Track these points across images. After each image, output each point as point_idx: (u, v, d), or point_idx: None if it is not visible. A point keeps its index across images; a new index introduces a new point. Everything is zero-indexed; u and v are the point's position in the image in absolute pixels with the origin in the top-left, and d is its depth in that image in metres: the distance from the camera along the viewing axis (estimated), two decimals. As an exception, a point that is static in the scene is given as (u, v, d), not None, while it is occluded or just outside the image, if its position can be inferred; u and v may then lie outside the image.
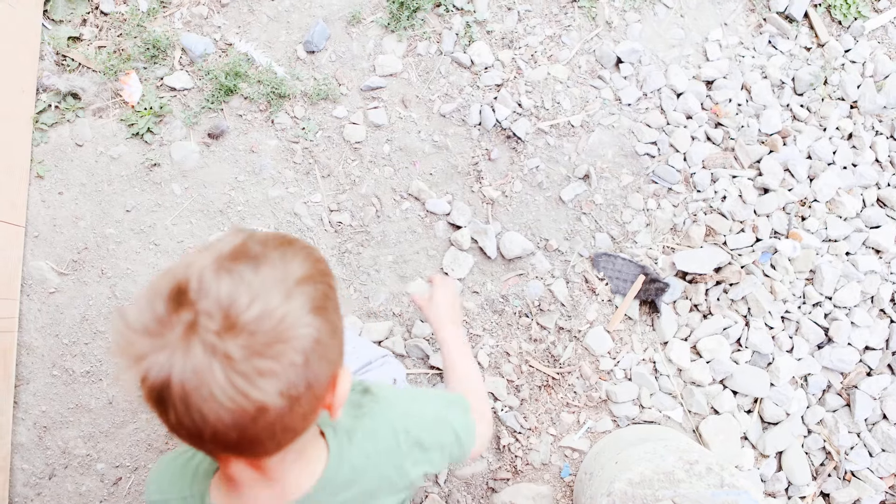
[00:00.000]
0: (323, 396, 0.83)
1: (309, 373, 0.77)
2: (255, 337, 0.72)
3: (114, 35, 2.18)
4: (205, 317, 0.71)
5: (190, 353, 0.70)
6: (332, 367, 0.83)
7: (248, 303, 0.73)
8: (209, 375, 0.70)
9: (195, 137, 2.13)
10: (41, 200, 2.07)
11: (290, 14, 2.23)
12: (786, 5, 2.35)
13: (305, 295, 0.78)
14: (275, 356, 0.73)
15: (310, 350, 0.76)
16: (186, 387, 0.71)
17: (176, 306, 0.72)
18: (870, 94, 2.27)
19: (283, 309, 0.74)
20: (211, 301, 0.72)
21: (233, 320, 0.71)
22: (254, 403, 0.72)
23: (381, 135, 2.17)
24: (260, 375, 0.72)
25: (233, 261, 0.76)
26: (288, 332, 0.74)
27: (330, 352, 0.81)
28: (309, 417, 0.82)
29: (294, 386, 0.75)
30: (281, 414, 0.75)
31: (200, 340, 0.71)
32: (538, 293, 2.10)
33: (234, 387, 0.71)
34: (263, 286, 0.75)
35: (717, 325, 2.07)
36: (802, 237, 2.11)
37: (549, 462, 2.02)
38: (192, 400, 0.71)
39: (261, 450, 0.81)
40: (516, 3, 2.28)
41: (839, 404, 2.09)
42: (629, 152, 2.21)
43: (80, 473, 1.98)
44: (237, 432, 0.74)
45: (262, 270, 0.76)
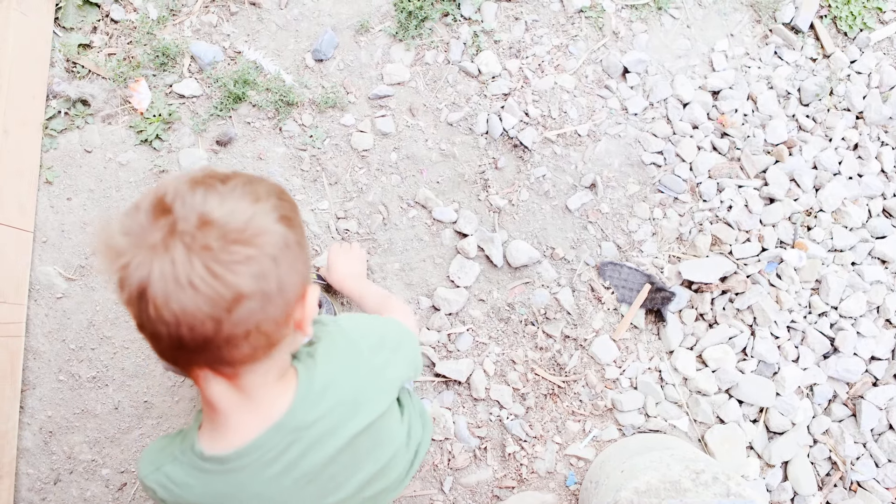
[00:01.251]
0: (293, 306, 0.89)
1: (279, 272, 0.83)
2: (228, 231, 0.79)
3: (124, 42, 2.19)
4: (182, 220, 0.79)
5: (170, 248, 0.77)
6: (301, 280, 0.90)
7: (220, 204, 0.81)
8: (188, 265, 0.77)
9: (203, 144, 2.14)
10: (50, 206, 2.08)
11: (298, 23, 2.25)
12: (792, 16, 2.37)
13: (273, 204, 0.86)
14: (249, 244, 0.80)
15: (278, 250, 0.83)
16: (166, 277, 0.77)
17: (156, 214, 0.80)
18: (875, 104, 2.28)
19: (252, 210, 0.83)
20: (187, 206, 0.80)
21: (207, 218, 0.79)
22: (230, 289, 0.79)
23: (389, 143, 2.18)
24: (234, 262, 0.79)
25: (205, 177, 0.85)
26: (257, 227, 0.82)
27: (298, 262, 0.88)
28: (281, 325, 0.88)
29: (265, 279, 0.82)
30: (254, 309, 0.81)
31: (179, 238, 0.78)
32: (544, 301, 2.10)
33: (212, 272, 0.77)
34: (233, 193, 0.83)
35: (722, 334, 2.07)
36: (808, 247, 2.12)
37: (554, 470, 2.02)
38: (170, 290, 0.77)
39: (237, 353, 0.85)
40: (524, 14, 2.30)
41: (845, 414, 2.08)
42: (635, 162, 2.22)
43: (85, 479, 1.98)
44: (213, 323, 0.79)
45: (231, 183, 0.85)
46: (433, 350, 2.05)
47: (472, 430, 2.03)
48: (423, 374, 2.05)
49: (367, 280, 1.86)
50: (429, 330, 2.07)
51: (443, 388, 2.05)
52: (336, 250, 1.92)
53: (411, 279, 2.11)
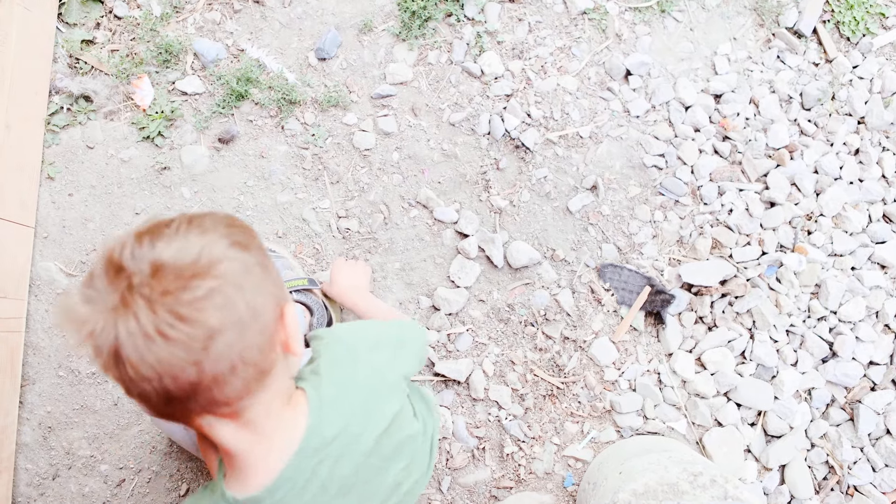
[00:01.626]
0: (274, 329, 0.87)
1: (247, 297, 0.82)
2: (182, 268, 0.78)
3: (127, 39, 2.19)
4: (136, 273, 0.77)
5: (131, 306, 0.76)
6: (274, 300, 0.88)
7: (167, 246, 0.79)
8: (153, 316, 0.75)
9: (205, 142, 2.15)
10: (51, 202, 2.08)
11: (302, 21, 2.25)
12: (795, 21, 2.37)
13: (221, 234, 0.84)
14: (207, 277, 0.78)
15: (239, 276, 0.82)
16: (134, 334, 0.76)
17: (111, 276, 0.78)
18: (877, 110, 2.28)
19: (202, 242, 0.81)
20: (137, 259, 0.78)
21: (158, 264, 0.78)
22: (200, 327, 0.77)
23: (391, 142, 2.18)
24: (198, 300, 0.77)
25: (149, 226, 0.83)
26: (211, 257, 0.80)
27: (264, 283, 0.86)
28: (266, 351, 0.86)
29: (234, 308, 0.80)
30: (231, 341, 0.80)
31: (137, 292, 0.76)
32: (544, 303, 2.10)
33: (177, 316, 0.76)
34: (178, 232, 0.82)
35: (721, 337, 2.08)
36: (808, 251, 2.12)
37: (552, 471, 2.03)
38: (141, 346, 0.76)
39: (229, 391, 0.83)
40: (527, 15, 2.30)
41: (843, 419, 2.09)
42: (637, 164, 2.22)
43: (83, 474, 1.99)
44: (194, 368, 0.78)
45: (174, 224, 0.83)
46: (433, 350, 2.06)
47: (471, 430, 2.04)
48: (423, 374, 2.05)
49: (371, 295, 1.84)
50: (428, 330, 2.07)
51: (442, 388, 2.06)
52: (340, 264, 1.92)
53: (412, 279, 2.11)
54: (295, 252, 2.10)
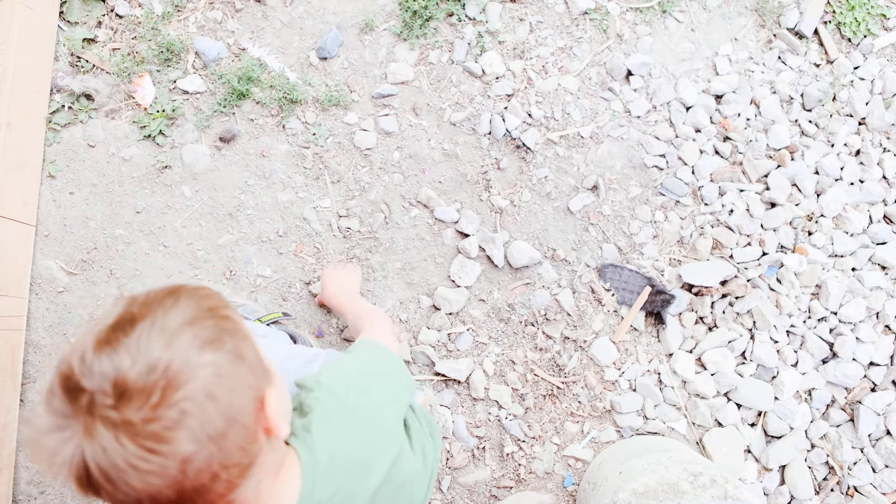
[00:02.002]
0: (254, 424, 0.82)
1: (221, 407, 0.76)
2: (149, 394, 0.72)
3: (128, 37, 2.19)
4: (99, 395, 0.72)
5: (95, 434, 0.71)
6: (252, 392, 0.82)
7: (131, 364, 0.73)
8: (119, 448, 0.71)
9: (206, 140, 2.15)
10: (52, 200, 2.08)
11: (303, 20, 2.25)
12: (796, 22, 2.37)
13: (189, 336, 0.78)
14: (174, 403, 0.73)
15: (212, 385, 0.76)
16: (102, 466, 0.72)
17: (70, 396, 0.73)
18: (878, 111, 2.28)
19: (167, 356, 0.75)
20: (97, 378, 0.73)
21: (122, 387, 0.72)
22: (172, 458, 0.73)
23: (392, 142, 2.18)
24: (166, 429, 0.72)
25: (111, 332, 0.76)
26: (179, 376, 0.74)
27: (241, 378, 0.81)
28: (248, 447, 0.81)
29: (209, 425, 0.75)
30: (209, 456, 0.75)
31: (100, 418, 0.72)
32: (544, 302, 2.10)
33: (146, 449, 0.72)
34: (140, 343, 0.75)
35: (722, 337, 2.08)
36: (809, 252, 2.12)
37: (552, 471, 2.03)
38: (113, 476, 0.72)
39: (213, 495, 0.79)
40: (528, 15, 2.30)
41: (843, 419, 2.09)
42: (638, 164, 2.22)
43: (84, 473, 1.99)
44: (173, 490, 0.74)
45: (138, 329, 0.76)
46: (433, 349, 2.06)
47: (471, 429, 2.04)
48: (423, 373, 2.05)
49: (356, 295, 1.84)
50: (429, 329, 2.07)
51: (442, 387, 2.06)
52: (328, 270, 1.93)
53: (412, 278, 2.11)
54: (296, 251, 2.10)
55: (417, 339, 2.07)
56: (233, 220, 2.11)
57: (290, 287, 2.08)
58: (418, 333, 2.07)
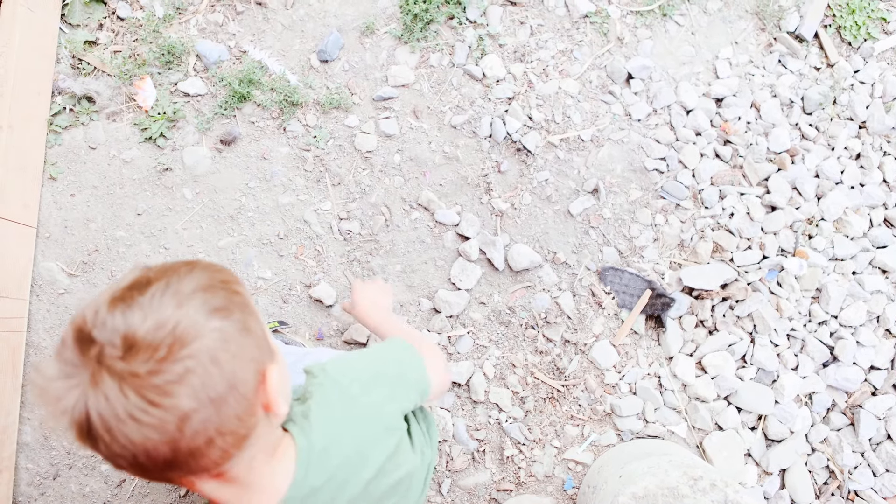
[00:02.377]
0: (253, 396, 0.84)
1: (225, 372, 0.78)
2: (155, 349, 0.74)
3: (129, 40, 2.20)
4: (108, 347, 0.74)
5: (100, 383, 0.73)
6: (255, 365, 0.84)
7: (142, 319, 0.75)
8: (122, 398, 0.73)
9: (207, 143, 2.15)
10: (53, 202, 2.08)
11: (304, 23, 2.25)
12: (796, 25, 2.37)
13: (200, 300, 0.80)
14: (179, 360, 0.75)
15: (217, 349, 0.78)
16: (104, 415, 0.73)
17: (82, 347, 0.75)
18: (878, 114, 2.28)
19: (177, 315, 0.77)
20: (108, 331, 0.75)
21: (131, 341, 0.74)
22: (172, 412, 0.74)
23: (392, 145, 2.18)
24: (169, 383, 0.74)
25: (126, 290, 0.79)
26: (186, 335, 0.76)
27: (245, 350, 0.82)
28: (245, 419, 0.83)
29: (209, 386, 0.76)
30: (207, 417, 0.77)
31: (107, 369, 0.73)
32: (545, 305, 2.10)
33: (148, 401, 0.73)
34: (153, 302, 0.77)
35: (722, 341, 2.08)
36: (809, 255, 2.12)
37: (552, 474, 2.03)
38: (112, 426, 0.73)
39: (206, 461, 0.81)
40: (529, 18, 2.30)
41: (843, 423, 2.09)
42: (638, 167, 2.22)
43: (84, 474, 1.99)
44: (168, 447, 0.76)
45: (152, 289, 0.79)
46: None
47: (471, 432, 2.04)
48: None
49: (393, 315, 1.78)
50: (429, 332, 2.07)
51: (442, 391, 2.06)
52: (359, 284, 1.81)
53: (412, 281, 2.11)
54: (296, 254, 2.10)
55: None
56: (233, 222, 2.11)
57: (290, 289, 2.08)
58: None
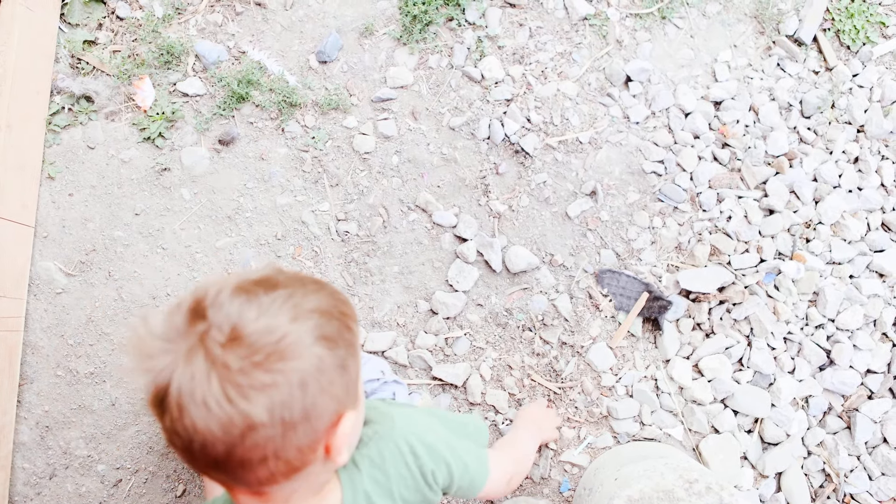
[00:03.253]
0: (323, 433, 0.83)
1: (306, 400, 0.78)
2: (255, 351, 0.75)
3: (129, 40, 2.20)
4: (215, 329, 0.75)
5: (193, 360, 0.74)
6: (337, 405, 0.83)
7: (255, 318, 0.76)
8: (205, 382, 0.73)
9: (206, 143, 2.15)
10: (51, 201, 2.08)
11: (303, 24, 2.26)
12: (795, 29, 2.37)
13: (314, 323, 0.80)
14: (270, 371, 0.75)
15: (309, 375, 0.78)
16: (182, 390, 0.74)
17: (193, 318, 0.77)
18: (877, 118, 2.28)
19: (287, 328, 0.77)
20: (222, 316, 0.76)
21: (238, 333, 0.75)
22: (242, 415, 0.74)
23: (391, 146, 2.18)
24: (252, 388, 0.74)
25: (253, 284, 0.80)
26: (288, 350, 0.76)
27: (334, 386, 0.81)
28: (306, 452, 0.82)
29: (287, 407, 0.76)
30: (271, 436, 0.76)
31: (204, 349, 0.74)
32: (542, 308, 2.10)
33: (226, 396, 0.73)
34: (273, 306, 0.78)
35: (719, 344, 2.08)
36: (806, 259, 2.12)
37: (548, 476, 2.03)
38: (185, 404, 0.74)
39: (252, 476, 0.80)
40: (528, 20, 2.30)
41: (840, 427, 2.09)
42: (636, 170, 2.22)
43: (80, 474, 1.99)
44: (225, 447, 0.76)
45: (277, 294, 0.79)
46: (430, 354, 2.06)
47: (468, 434, 2.04)
48: (420, 377, 2.06)
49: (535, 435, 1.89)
50: (426, 333, 2.08)
51: (439, 392, 2.06)
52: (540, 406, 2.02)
53: (410, 282, 2.11)
54: (294, 254, 2.10)
55: (415, 344, 2.07)
56: (231, 222, 2.11)
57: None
58: (416, 338, 2.07)
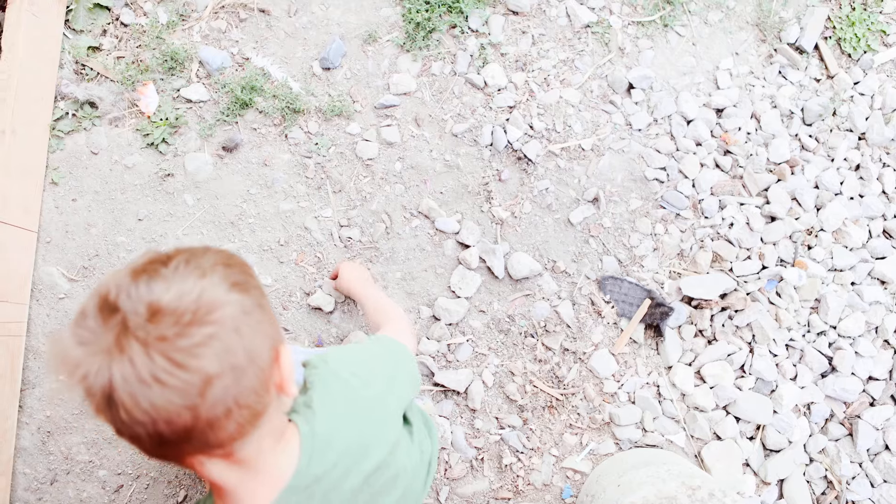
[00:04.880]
0: (269, 372, 0.85)
1: (245, 341, 0.80)
2: (181, 314, 0.76)
3: (133, 46, 2.21)
4: (132, 315, 0.75)
5: (126, 349, 0.74)
6: (271, 342, 0.86)
7: (166, 288, 0.77)
8: (148, 361, 0.74)
9: (209, 149, 2.15)
10: (55, 207, 2.09)
11: (307, 31, 2.26)
12: (796, 37, 2.38)
13: (220, 274, 0.82)
14: (205, 324, 0.77)
15: (238, 320, 0.80)
16: (128, 379, 0.74)
17: (104, 315, 0.76)
18: (878, 126, 2.29)
19: (200, 285, 0.79)
20: (133, 300, 0.76)
21: (156, 307, 0.76)
22: (197, 374, 0.75)
23: (394, 152, 2.19)
24: (196, 346, 0.75)
25: (146, 265, 0.81)
26: (210, 304, 0.78)
27: (262, 325, 0.84)
28: (261, 394, 0.84)
29: (231, 353, 0.78)
30: (227, 385, 0.78)
31: (132, 335, 0.74)
32: (544, 314, 2.11)
33: (174, 363, 0.74)
34: (176, 273, 0.80)
35: (721, 350, 2.08)
36: (808, 266, 2.13)
37: (550, 483, 2.03)
38: (136, 390, 0.74)
39: (223, 434, 0.81)
40: (531, 27, 2.31)
41: (841, 434, 2.09)
42: (638, 177, 2.23)
43: (81, 480, 1.99)
44: (190, 413, 0.76)
45: (173, 263, 0.81)
46: (433, 359, 2.06)
47: (470, 440, 2.04)
48: (423, 383, 2.05)
49: (373, 285, 1.87)
50: (429, 339, 2.08)
51: (441, 398, 2.06)
52: (346, 263, 1.97)
53: (412, 289, 2.11)
54: (297, 260, 2.10)
55: (417, 350, 2.08)
56: (234, 228, 2.12)
57: (290, 296, 2.08)
58: (418, 343, 2.08)
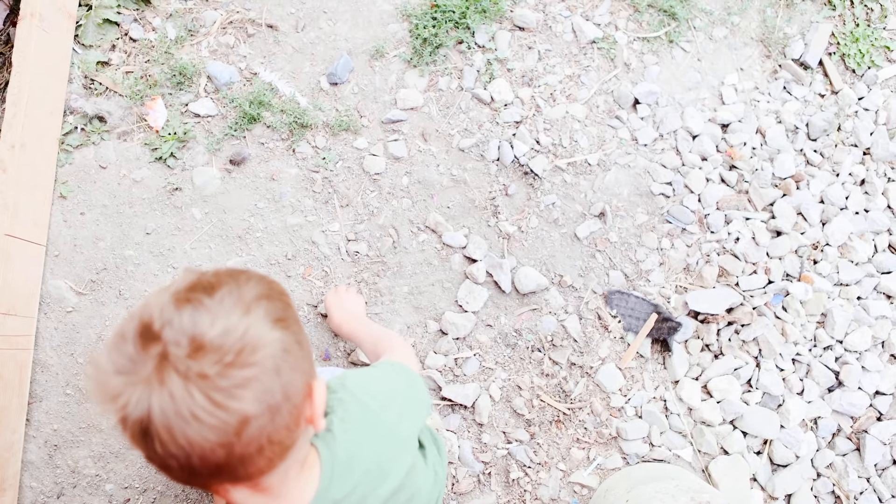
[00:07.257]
0: (302, 407, 0.86)
1: (283, 381, 0.81)
2: (224, 353, 0.76)
3: (141, 61, 2.22)
4: (173, 346, 0.75)
5: (166, 382, 0.74)
6: (306, 378, 0.87)
7: (211, 323, 0.77)
8: (188, 397, 0.74)
9: (217, 163, 2.16)
10: (63, 220, 2.09)
11: (314, 46, 2.28)
12: (801, 52, 2.40)
13: (263, 309, 0.82)
14: (247, 365, 0.77)
15: (279, 358, 0.81)
16: (167, 413, 0.74)
17: (145, 343, 0.76)
18: (882, 141, 2.30)
19: (245, 322, 0.79)
20: (175, 330, 0.76)
21: (199, 342, 0.76)
22: (235, 415, 0.76)
23: (401, 167, 2.20)
24: (236, 387, 0.76)
25: (190, 292, 0.81)
26: (253, 343, 0.78)
27: (300, 362, 0.85)
28: (293, 429, 0.85)
29: (270, 393, 0.79)
30: (263, 425, 0.79)
31: (173, 368, 0.74)
32: (551, 328, 2.11)
33: (214, 402, 0.74)
34: (222, 307, 0.79)
35: (728, 365, 2.08)
36: (814, 280, 2.13)
37: (557, 497, 2.02)
38: (174, 425, 0.74)
39: (253, 468, 0.83)
40: (537, 43, 2.33)
41: (849, 448, 2.09)
42: (644, 192, 2.24)
43: (88, 493, 1.98)
44: (224, 450, 0.77)
45: (218, 294, 0.81)
46: (440, 374, 2.06)
47: (477, 454, 2.04)
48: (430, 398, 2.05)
49: (366, 319, 1.87)
50: (436, 354, 2.08)
51: (448, 412, 2.06)
52: (332, 298, 1.95)
53: (420, 303, 2.12)
54: (304, 274, 2.11)
55: (424, 364, 2.08)
56: (242, 242, 2.12)
57: (298, 310, 2.09)
58: (425, 358, 2.08)
